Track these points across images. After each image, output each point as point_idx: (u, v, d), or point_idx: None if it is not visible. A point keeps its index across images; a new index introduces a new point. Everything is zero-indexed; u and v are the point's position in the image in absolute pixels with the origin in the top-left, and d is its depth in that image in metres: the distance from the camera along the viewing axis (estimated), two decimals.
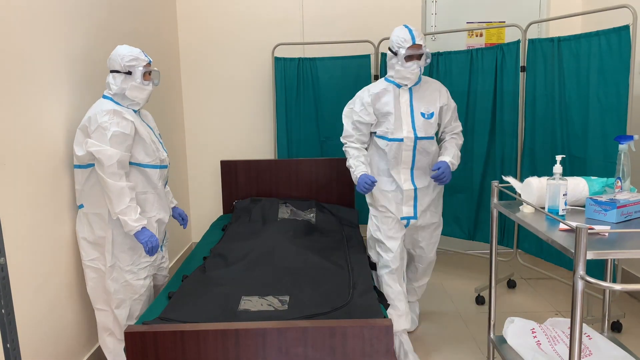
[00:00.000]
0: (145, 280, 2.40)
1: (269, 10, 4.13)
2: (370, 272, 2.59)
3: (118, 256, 2.32)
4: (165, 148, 2.57)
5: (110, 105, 2.25)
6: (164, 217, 2.47)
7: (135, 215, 2.24)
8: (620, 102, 2.82)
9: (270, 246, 2.70)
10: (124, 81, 2.30)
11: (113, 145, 2.19)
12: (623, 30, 2.77)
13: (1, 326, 1.33)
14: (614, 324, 2.94)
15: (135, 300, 2.38)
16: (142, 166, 2.33)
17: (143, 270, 2.38)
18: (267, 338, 1.78)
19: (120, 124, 2.22)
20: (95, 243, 2.32)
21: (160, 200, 2.44)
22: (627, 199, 1.84)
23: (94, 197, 2.29)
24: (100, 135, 2.18)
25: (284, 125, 4.07)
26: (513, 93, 3.47)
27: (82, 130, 2.24)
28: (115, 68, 2.31)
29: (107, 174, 2.18)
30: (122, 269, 2.33)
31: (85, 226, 2.32)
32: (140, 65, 2.31)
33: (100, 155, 2.17)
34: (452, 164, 2.64)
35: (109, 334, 2.41)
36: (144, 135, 2.33)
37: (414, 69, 2.54)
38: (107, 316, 2.38)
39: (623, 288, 1.50)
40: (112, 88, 2.31)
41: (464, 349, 2.80)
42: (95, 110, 2.23)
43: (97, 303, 2.39)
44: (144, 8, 3.42)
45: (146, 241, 2.26)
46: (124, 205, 2.20)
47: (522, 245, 3.57)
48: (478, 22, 4.13)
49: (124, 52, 2.30)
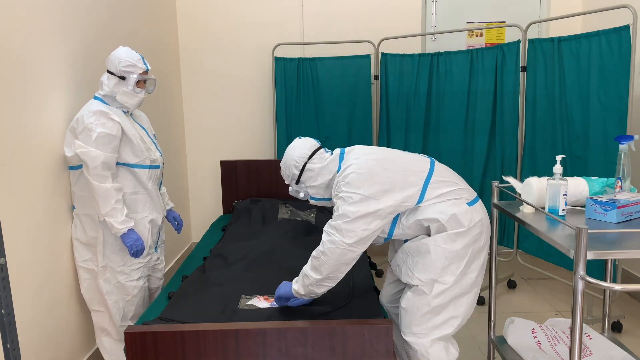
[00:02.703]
0: (138, 281, 2.38)
1: (269, 10, 4.13)
2: (370, 272, 2.58)
3: (109, 257, 2.30)
4: (160, 149, 2.55)
5: (97, 106, 2.22)
6: (157, 217, 2.44)
7: (121, 217, 2.21)
8: (620, 102, 2.82)
9: (270, 246, 2.70)
10: (117, 85, 2.27)
11: (98, 146, 2.16)
12: (623, 30, 2.77)
13: (1, 326, 1.33)
14: (614, 324, 2.94)
15: (128, 302, 2.36)
16: (130, 166, 2.31)
17: (136, 271, 2.36)
18: (267, 338, 1.78)
19: (106, 125, 2.19)
20: (88, 244, 2.31)
21: (152, 200, 2.41)
22: (627, 199, 1.84)
23: (84, 198, 2.27)
24: (86, 136, 2.16)
25: (284, 125, 4.07)
26: (513, 93, 3.47)
27: (71, 132, 2.23)
28: (110, 69, 2.28)
29: (92, 175, 2.16)
30: (114, 269, 2.31)
31: (78, 227, 2.32)
32: (136, 72, 2.28)
33: (85, 157, 2.15)
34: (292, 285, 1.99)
35: (106, 334, 2.40)
36: (132, 135, 2.29)
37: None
38: (103, 317, 2.37)
39: (623, 288, 1.50)
40: (104, 89, 2.28)
41: (464, 349, 2.80)
42: (83, 112, 2.22)
43: (92, 304, 2.38)
44: (144, 8, 3.42)
45: (131, 244, 2.24)
46: (109, 207, 2.18)
47: (522, 245, 3.57)
48: (478, 22, 4.13)
49: (122, 56, 2.26)
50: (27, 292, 2.04)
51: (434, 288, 1.88)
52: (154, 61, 3.54)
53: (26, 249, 2.05)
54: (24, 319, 1.99)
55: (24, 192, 2.05)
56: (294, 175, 2.09)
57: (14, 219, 1.97)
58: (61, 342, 2.29)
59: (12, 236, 1.93)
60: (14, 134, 1.98)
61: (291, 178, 2.11)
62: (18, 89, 2.01)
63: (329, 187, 2.06)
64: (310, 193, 2.10)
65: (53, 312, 2.23)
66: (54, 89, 2.26)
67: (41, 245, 2.15)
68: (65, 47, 2.36)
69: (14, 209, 1.97)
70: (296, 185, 2.11)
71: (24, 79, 2.05)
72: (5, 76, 1.93)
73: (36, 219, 2.12)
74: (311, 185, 2.07)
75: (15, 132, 1.99)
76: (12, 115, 1.97)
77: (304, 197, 2.13)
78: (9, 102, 1.95)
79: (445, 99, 3.77)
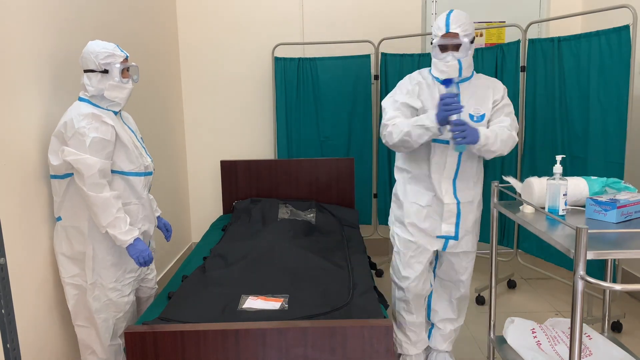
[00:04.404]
0: (129, 296, 2.21)
1: (269, 10, 4.13)
2: (371, 272, 2.58)
3: (100, 273, 2.11)
4: (149, 154, 2.38)
5: (88, 109, 2.03)
6: (149, 228, 2.28)
7: (125, 227, 2.05)
8: (620, 101, 2.82)
9: (270, 246, 2.70)
10: (101, 81, 2.07)
11: (93, 153, 1.98)
12: (623, 30, 2.78)
13: (1, 326, 1.33)
14: (614, 324, 2.94)
15: (119, 319, 2.20)
16: (124, 174, 2.13)
17: (127, 286, 2.19)
18: (267, 338, 1.78)
19: (100, 129, 2.00)
20: (75, 258, 2.11)
21: (145, 210, 2.23)
22: (627, 199, 1.84)
23: (72, 210, 2.08)
24: (78, 142, 1.97)
25: (284, 125, 4.07)
26: (513, 93, 3.47)
27: (57, 137, 2.02)
28: (89, 67, 2.07)
29: (87, 185, 1.97)
30: (105, 286, 2.12)
31: (63, 240, 2.11)
32: (117, 62, 2.08)
33: (80, 165, 1.96)
34: (482, 133, 2.16)
35: (91, 352, 2.20)
36: (126, 140, 2.12)
37: (449, 61, 2.19)
38: (89, 333, 2.19)
39: (623, 288, 1.50)
40: (89, 89, 2.07)
41: (464, 349, 2.80)
42: (71, 115, 2.00)
43: (77, 319, 2.18)
44: (144, 8, 3.42)
45: (137, 256, 2.09)
46: (112, 217, 2.01)
47: (522, 245, 3.57)
48: (478, 22, 4.12)
49: (97, 49, 2.06)
50: (27, 291, 2.02)
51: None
52: (154, 61, 3.55)
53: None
54: (24, 319, 1.98)
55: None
56: (471, 35, 2.23)
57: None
58: (62, 342, 2.28)
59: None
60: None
61: (470, 33, 2.22)
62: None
63: (469, 68, 2.27)
64: (467, 57, 2.24)
65: (53, 312, 2.21)
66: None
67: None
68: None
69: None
70: (469, 44, 2.22)
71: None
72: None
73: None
74: (470, 54, 2.26)
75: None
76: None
77: (465, 51, 2.22)
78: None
79: None
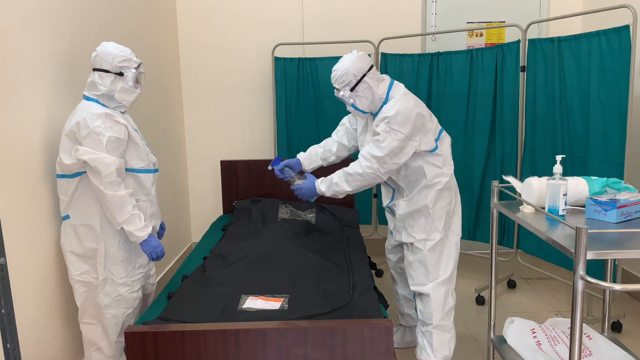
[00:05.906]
0: (138, 292, 2.28)
1: (268, 10, 4.13)
2: (370, 272, 2.58)
3: (111, 269, 2.17)
4: (152, 151, 2.42)
5: (99, 108, 2.07)
6: (156, 224, 2.35)
7: (141, 224, 2.12)
8: (620, 101, 2.82)
9: (270, 246, 2.70)
10: (114, 82, 2.12)
11: (109, 152, 2.03)
12: (623, 30, 2.78)
13: (1, 326, 1.33)
14: (614, 324, 2.94)
15: (128, 315, 2.24)
16: (135, 172, 2.19)
17: (136, 282, 2.26)
18: (267, 338, 1.78)
19: (114, 128, 2.06)
20: (85, 256, 2.15)
21: (153, 206, 2.30)
22: (627, 199, 1.84)
23: (83, 208, 2.12)
24: (94, 141, 2.01)
25: (284, 125, 4.07)
26: (513, 93, 3.47)
27: (69, 137, 2.05)
28: (103, 67, 2.11)
29: (105, 184, 2.02)
30: (116, 282, 2.18)
31: (72, 239, 2.15)
32: (132, 67, 2.15)
33: (97, 164, 2.00)
34: (318, 187, 2.39)
35: (96, 349, 2.24)
36: (136, 138, 2.18)
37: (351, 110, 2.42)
38: (95, 330, 2.22)
39: (623, 288, 1.50)
40: (100, 89, 2.11)
41: (464, 349, 2.80)
42: (83, 114, 2.04)
43: (84, 317, 2.23)
44: (144, 8, 3.42)
45: (150, 252, 2.17)
46: (127, 215, 2.08)
47: (522, 245, 3.57)
48: (478, 22, 4.13)
49: (115, 52, 2.12)
50: (27, 291, 2.02)
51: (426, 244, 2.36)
52: (154, 61, 3.55)
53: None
54: (24, 319, 1.98)
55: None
56: (350, 82, 2.27)
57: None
58: (62, 342, 2.28)
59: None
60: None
61: (346, 84, 2.27)
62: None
63: (373, 104, 2.31)
64: (355, 103, 2.31)
65: (52, 312, 2.21)
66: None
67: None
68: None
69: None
70: (348, 92, 2.28)
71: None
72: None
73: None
74: (361, 96, 2.29)
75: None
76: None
77: (346, 101, 2.31)
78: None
79: (445, 98, 3.78)
